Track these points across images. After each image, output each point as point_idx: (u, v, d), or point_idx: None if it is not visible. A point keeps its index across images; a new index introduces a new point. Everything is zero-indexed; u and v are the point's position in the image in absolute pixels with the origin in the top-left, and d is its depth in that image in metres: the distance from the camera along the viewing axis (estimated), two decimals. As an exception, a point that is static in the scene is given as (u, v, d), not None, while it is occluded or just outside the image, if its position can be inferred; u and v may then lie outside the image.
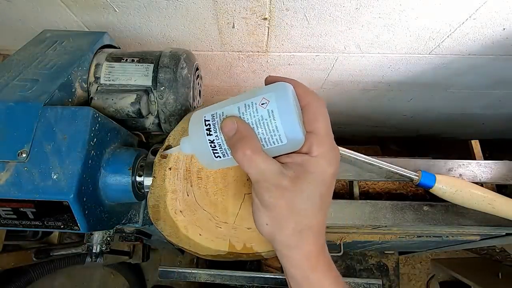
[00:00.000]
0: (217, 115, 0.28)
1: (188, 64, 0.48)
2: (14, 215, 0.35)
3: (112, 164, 0.39)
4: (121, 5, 0.57)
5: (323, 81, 0.86)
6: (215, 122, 0.28)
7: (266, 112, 0.26)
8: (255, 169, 0.26)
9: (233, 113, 0.27)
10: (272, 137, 0.26)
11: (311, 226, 0.27)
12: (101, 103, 0.44)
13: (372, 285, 0.68)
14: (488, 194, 0.52)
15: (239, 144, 0.26)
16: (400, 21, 0.61)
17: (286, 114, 0.25)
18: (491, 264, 1.43)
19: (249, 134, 0.26)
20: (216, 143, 0.28)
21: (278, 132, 0.26)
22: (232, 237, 0.38)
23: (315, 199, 0.27)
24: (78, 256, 1.14)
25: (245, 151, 0.26)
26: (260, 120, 0.26)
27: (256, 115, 0.26)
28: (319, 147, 0.27)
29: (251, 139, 0.26)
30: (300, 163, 0.27)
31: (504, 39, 0.65)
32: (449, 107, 1.04)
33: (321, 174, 0.27)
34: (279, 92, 0.26)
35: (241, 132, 0.26)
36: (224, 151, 0.28)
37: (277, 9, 0.58)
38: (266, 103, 0.26)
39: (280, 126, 0.26)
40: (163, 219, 0.38)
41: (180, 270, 0.69)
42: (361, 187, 0.61)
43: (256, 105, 0.26)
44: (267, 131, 0.26)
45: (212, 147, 0.28)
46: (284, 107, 0.25)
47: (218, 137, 0.28)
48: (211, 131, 0.28)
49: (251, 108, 0.26)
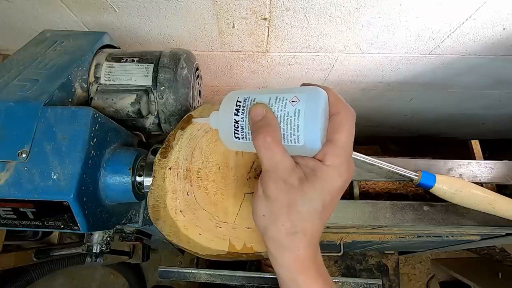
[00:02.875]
0: (249, 99, 0.29)
1: (188, 64, 0.48)
2: (14, 215, 0.35)
3: (112, 164, 0.39)
4: (121, 5, 0.57)
5: (323, 81, 0.86)
6: (245, 105, 0.29)
7: (293, 110, 0.26)
8: (270, 158, 0.27)
9: (263, 101, 0.28)
10: (291, 135, 0.27)
11: (306, 231, 0.27)
12: (101, 103, 0.44)
13: (372, 285, 0.68)
14: (488, 194, 0.52)
15: (263, 130, 0.26)
16: (400, 21, 0.61)
17: (311, 117, 0.26)
18: (491, 264, 1.43)
19: (274, 124, 0.27)
20: (239, 124, 0.29)
21: (298, 132, 0.26)
22: (232, 237, 0.38)
23: (317, 205, 0.27)
24: (78, 256, 1.14)
25: (266, 138, 0.26)
26: (285, 115, 0.27)
27: (283, 110, 0.27)
28: (333, 158, 0.27)
29: (275, 129, 0.27)
30: (312, 167, 0.27)
31: (504, 39, 0.65)
32: (449, 107, 1.04)
33: (329, 184, 0.27)
34: (311, 95, 0.27)
35: (268, 119, 0.27)
36: (244, 134, 0.29)
37: (277, 9, 0.58)
38: (296, 101, 0.27)
39: (301, 127, 0.26)
40: (163, 219, 0.38)
41: (180, 270, 0.69)
42: (361, 187, 0.61)
43: (287, 100, 0.27)
44: (288, 127, 0.27)
45: (235, 127, 0.29)
46: (311, 110, 0.26)
47: (243, 120, 0.29)
48: (239, 111, 0.29)
49: (281, 102, 0.27)
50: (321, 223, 0.28)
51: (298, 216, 0.27)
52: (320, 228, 0.29)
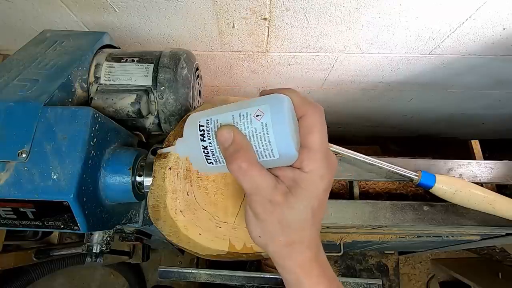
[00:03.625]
0: (212, 122, 0.27)
1: (188, 64, 0.48)
2: (14, 215, 0.35)
3: (112, 164, 0.39)
4: (121, 5, 0.57)
5: (323, 81, 0.86)
6: (209, 129, 0.27)
7: (260, 124, 0.25)
8: (250, 182, 0.26)
9: (227, 121, 0.26)
10: (265, 150, 0.26)
11: (302, 240, 0.28)
12: (101, 103, 0.44)
13: (372, 285, 0.68)
14: (488, 194, 0.52)
15: (235, 156, 0.25)
16: (400, 21, 0.61)
17: (280, 129, 0.25)
18: (491, 264, 1.43)
19: (245, 146, 0.26)
20: (209, 149, 0.27)
21: (271, 146, 0.25)
22: (232, 237, 0.38)
23: (306, 214, 0.27)
24: (78, 256, 1.15)
25: (240, 164, 0.25)
26: (253, 132, 0.25)
27: (250, 127, 0.26)
28: (311, 163, 0.26)
29: (247, 151, 0.25)
30: (292, 177, 0.27)
31: (504, 39, 0.65)
32: (449, 107, 1.04)
33: (313, 190, 0.27)
34: (274, 105, 0.25)
35: (237, 143, 0.25)
36: (217, 158, 0.28)
37: (277, 9, 0.58)
38: (261, 115, 0.25)
39: (273, 141, 0.25)
40: (163, 219, 0.38)
41: (180, 270, 0.69)
42: (361, 187, 0.61)
43: (251, 116, 0.26)
44: (260, 144, 0.25)
45: (205, 153, 0.28)
46: (278, 121, 0.25)
47: (212, 144, 0.27)
48: (204, 137, 0.27)
49: (246, 119, 0.26)
50: (316, 227, 0.29)
51: (291, 229, 0.27)
52: (316, 231, 0.29)
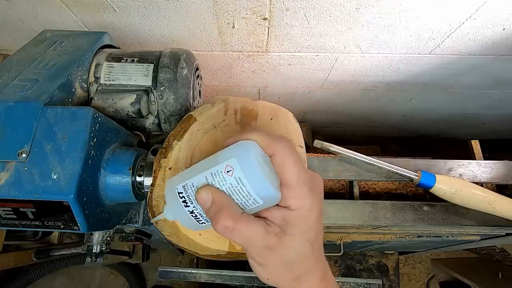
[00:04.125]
0: (188, 187, 0.27)
1: (188, 64, 0.48)
2: (14, 215, 0.35)
3: (112, 164, 0.39)
4: (121, 5, 0.57)
5: (323, 81, 0.86)
6: (188, 194, 0.27)
7: (233, 179, 0.25)
8: (241, 237, 0.26)
9: (202, 183, 0.27)
10: (248, 201, 0.26)
11: (307, 269, 0.28)
12: (101, 103, 0.44)
13: (372, 285, 0.68)
14: (488, 194, 0.52)
15: (218, 216, 0.25)
16: (400, 21, 0.61)
17: (254, 179, 0.25)
18: (491, 264, 1.43)
19: (226, 203, 0.25)
20: (196, 212, 0.28)
21: (252, 196, 0.25)
22: None
23: (305, 247, 0.27)
24: (78, 256, 1.15)
25: (226, 223, 0.25)
26: (230, 187, 0.26)
27: (225, 183, 0.26)
28: (296, 200, 0.26)
29: (229, 208, 0.25)
30: (281, 217, 0.27)
31: (504, 39, 0.65)
32: (449, 107, 1.04)
33: (305, 224, 0.27)
34: (240, 156, 0.25)
35: (217, 202, 0.25)
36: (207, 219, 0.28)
37: (277, 9, 0.58)
38: (231, 170, 0.25)
39: (252, 191, 0.25)
40: (163, 219, 0.38)
41: (180, 270, 0.69)
42: (361, 187, 0.61)
43: (222, 173, 0.26)
44: (240, 196, 0.26)
45: (194, 217, 0.28)
46: (249, 171, 0.25)
47: (196, 208, 0.27)
48: (187, 202, 0.28)
49: (218, 177, 0.26)
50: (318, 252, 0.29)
51: (294, 265, 0.28)
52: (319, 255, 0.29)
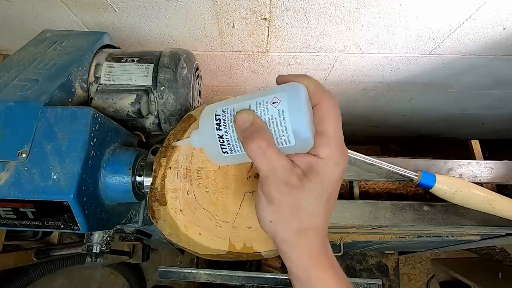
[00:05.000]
0: (228, 111, 0.28)
1: (188, 64, 0.48)
2: (14, 215, 0.35)
3: (112, 164, 0.39)
4: (121, 5, 0.57)
5: (323, 81, 0.86)
6: (225, 117, 0.28)
7: (276, 111, 0.26)
8: (267, 163, 0.26)
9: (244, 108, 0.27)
10: (281, 137, 0.26)
11: (315, 226, 0.28)
12: (101, 103, 0.44)
13: (372, 285, 0.68)
14: (488, 194, 0.52)
15: (254, 136, 0.25)
16: (400, 21, 0.61)
17: (296, 115, 0.25)
18: (491, 264, 1.43)
19: (264, 127, 0.26)
20: (224, 138, 0.28)
21: (287, 133, 0.26)
22: (232, 236, 0.38)
23: (321, 199, 0.27)
24: (78, 256, 1.15)
25: (260, 143, 0.25)
26: (270, 118, 0.26)
27: (266, 113, 0.26)
28: (326, 149, 0.26)
29: (266, 132, 0.26)
30: (308, 163, 0.27)
31: (504, 39, 0.65)
32: (449, 107, 1.04)
33: (328, 175, 0.27)
34: (291, 93, 0.26)
35: (256, 124, 0.26)
36: (232, 147, 0.28)
37: (277, 9, 0.58)
38: (277, 102, 0.26)
39: (289, 127, 0.25)
40: (163, 218, 0.38)
41: (180, 270, 0.69)
42: (361, 187, 0.61)
43: (267, 103, 0.26)
44: (276, 130, 0.26)
45: (221, 142, 0.28)
46: (294, 108, 0.25)
47: (228, 133, 0.28)
48: (220, 126, 0.28)
49: (262, 106, 0.26)
50: (328, 214, 0.29)
51: (305, 214, 0.27)
52: (327, 220, 0.29)
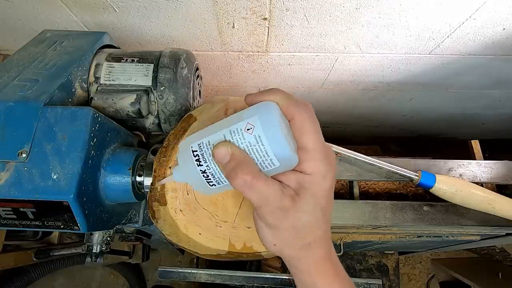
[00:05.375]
0: (204, 145, 0.27)
1: (188, 64, 0.48)
2: (14, 215, 0.35)
3: (112, 164, 0.39)
4: (121, 5, 0.57)
5: (323, 81, 0.86)
6: (203, 152, 0.27)
7: (253, 138, 0.25)
8: (257, 195, 0.26)
9: (220, 141, 0.26)
10: (264, 161, 0.26)
11: (318, 238, 0.28)
12: (101, 103, 0.44)
13: (372, 285, 0.68)
14: (488, 194, 0.52)
15: (237, 170, 0.25)
16: (400, 21, 0.61)
17: (273, 138, 0.25)
18: (491, 264, 1.43)
19: (245, 158, 0.25)
20: (208, 172, 0.27)
21: (269, 157, 0.25)
22: (232, 236, 0.38)
23: (317, 213, 0.27)
24: (78, 256, 1.15)
25: (245, 178, 0.24)
26: (248, 146, 0.25)
27: (243, 142, 0.25)
28: (311, 164, 0.26)
29: (248, 163, 0.25)
30: (296, 181, 0.27)
31: (504, 39, 0.65)
32: (449, 107, 1.04)
33: (319, 190, 0.27)
34: (263, 115, 0.25)
35: (237, 157, 0.25)
36: (218, 179, 0.27)
37: (277, 9, 0.58)
38: (252, 128, 0.25)
39: (270, 151, 0.25)
40: (163, 218, 0.38)
41: (180, 270, 0.69)
42: (361, 187, 0.61)
43: (242, 131, 0.25)
44: (258, 156, 0.25)
45: (205, 177, 0.28)
46: (270, 131, 0.25)
47: (209, 167, 0.27)
48: (200, 161, 0.27)
49: (237, 135, 0.26)
50: (327, 223, 0.29)
51: (305, 230, 0.28)
52: (328, 227, 0.30)
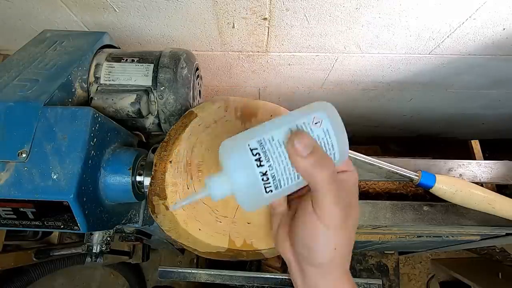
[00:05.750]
0: (266, 141, 0.25)
1: (188, 64, 0.48)
2: (14, 215, 0.35)
3: (112, 164, 0.39)
4: (121, 5, 0.57)
5: (323, 81, 0.86)
6: (265, 150, 0.24)
7: (321, 131, 0.26)
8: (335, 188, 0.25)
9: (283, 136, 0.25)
10: (329, 155, 0.27)
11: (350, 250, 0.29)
12: (101, 103, 0.44)
13: (372, 285, 0.68)
14: (488, 194, 0.52)
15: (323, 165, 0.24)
16: (400, 21, 0.61)
17: (339, 131, 0.26)
18: (491, 264, 1.43)
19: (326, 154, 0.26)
20: (269, 174, 0.24)
21: (334, 150, 0.26)
22: (232, 232, 0.38)
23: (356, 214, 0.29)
24: (78, 256, 1.15)
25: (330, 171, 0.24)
26: (317, 139, 0.26)
27: (312, 135, 0.26)
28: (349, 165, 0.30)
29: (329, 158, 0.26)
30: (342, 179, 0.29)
31: (504, 39, 0.65)
32: (449, 107, 1.04)
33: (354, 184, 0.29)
34: (330, 111, 0.27)
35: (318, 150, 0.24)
36: (278, 182, 0.25)
37: (277, 9, 0.58)
38: (320, 122, 0.26)
39: (335, 144, 0.26)
40: (162, 213, 0.38)
41: (180, 270, 0.69)
42: (361, 187, 0.61)
43: (310, 125, 0.26)
44: (324, 150, 0.26)
45: (264, 180, 0.25)
46: (337, 125, 0.26)
47: (272, 166, 0.24)
48: (262, 160, 0.24)
49: (306, 129, 0.26)
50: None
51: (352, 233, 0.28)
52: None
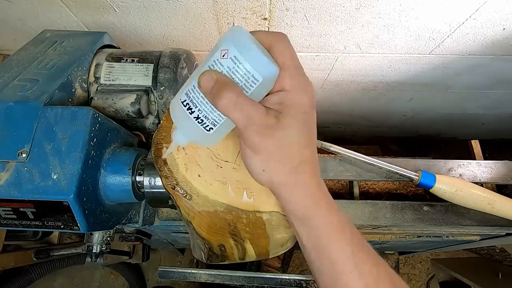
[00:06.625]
0: (190, 90, 0.27)
1: (188, 64, 0.48)
2: (14, 215, 0.35)
3: (112, 164, 0.39)
4: (121, 5, 0.57)
5: (323, 81, 0.86)
6: (191, 98, 0.27)
7: (230, 61, 0.25)
8: (242, 113, 0.26)
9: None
10: (247, 80, 0.26)
11: (305, 159, 0.28)
12: (101, 103, 0.44)
13: (372, 285, 0.67)
14: (488, 194, 0.52)
15: (222, 91, 0.25)
16: (400, 21, 0.61)
17: (249, 53, 0.25)
18: (491, 264, 1.43)
19: (228, 80, 0.26)
20: (202, 116, 0.27)
21: (250, 72, 0.25)
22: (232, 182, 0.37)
23: (301, 131, 0.27)
24: (78, 256, 1.15)
25: (229, 95, 0.25)
26: (229, 70, 0.26)
27: (223, 69, 0.26)
28: (290, 80, 0.27)
29: (232, 85, 0.26)
30: (278, 100, 0.27)
31: (504, 39, 0.65)
32: (449, 107, 1.04)
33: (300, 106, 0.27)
34: (233, 36, 0.26)
35: (220, 80, 0.25)
36: (213, 119, 0.28)
37: (277, 9, 0.58)
38: (226, 52, 0.25)
39: (249, 67, 0.25)
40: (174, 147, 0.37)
41: (180, 270, 0.69)
42: (361, 187, 0.61)
43: (218, 60, 0.26)
44: (240, 77, 0.26)
45: (201, 123, 0.28)
46: (243, 47, 0.25)
47: (201, 109, 0.27)
48: (191, 108, 0.27)
49: (216, 65, 0.26)
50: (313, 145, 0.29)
51: (292, 150, 0.27)
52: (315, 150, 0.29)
